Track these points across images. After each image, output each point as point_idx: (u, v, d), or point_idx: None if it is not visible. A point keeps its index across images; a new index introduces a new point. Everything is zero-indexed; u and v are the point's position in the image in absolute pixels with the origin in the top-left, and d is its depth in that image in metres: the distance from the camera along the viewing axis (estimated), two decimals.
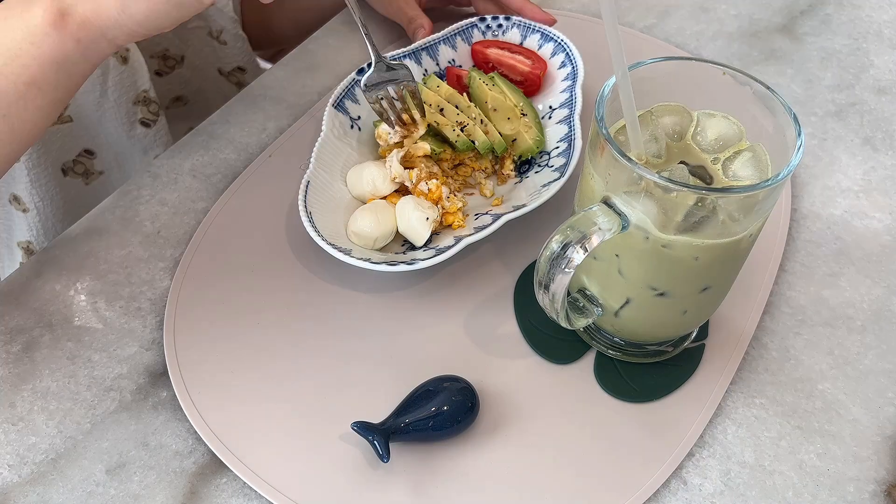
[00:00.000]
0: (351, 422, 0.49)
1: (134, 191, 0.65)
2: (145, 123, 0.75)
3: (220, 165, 0.67)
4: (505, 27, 0.72)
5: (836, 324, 0.58)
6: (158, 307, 0.58)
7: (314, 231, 0.57)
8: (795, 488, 0.50)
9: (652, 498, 0.49)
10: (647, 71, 0.47)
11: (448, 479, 0.50)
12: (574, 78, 0.67)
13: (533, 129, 0.64)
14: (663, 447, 0.51)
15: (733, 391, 0.54)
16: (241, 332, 0.56)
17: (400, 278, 0.59)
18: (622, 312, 0.50)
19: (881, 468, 0.51)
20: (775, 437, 0.52)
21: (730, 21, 0.82)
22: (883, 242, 0.63)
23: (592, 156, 0.46)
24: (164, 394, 0.54)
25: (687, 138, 0.48)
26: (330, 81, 0.74)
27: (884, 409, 0.54)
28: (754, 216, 0.44)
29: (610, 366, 0.55)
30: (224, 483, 0.50)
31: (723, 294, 0.51)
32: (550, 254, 0.44)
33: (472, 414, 0.51)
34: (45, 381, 0.54)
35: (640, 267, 0.47)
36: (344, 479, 0.49)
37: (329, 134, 0.64)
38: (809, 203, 0.65)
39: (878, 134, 0.71)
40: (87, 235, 0.62)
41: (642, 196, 0.43)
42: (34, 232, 0.73)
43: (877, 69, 0.77)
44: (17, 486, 0.50)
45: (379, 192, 0.61)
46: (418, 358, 0.55)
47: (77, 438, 0.52)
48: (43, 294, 0.59)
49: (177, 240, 0.62)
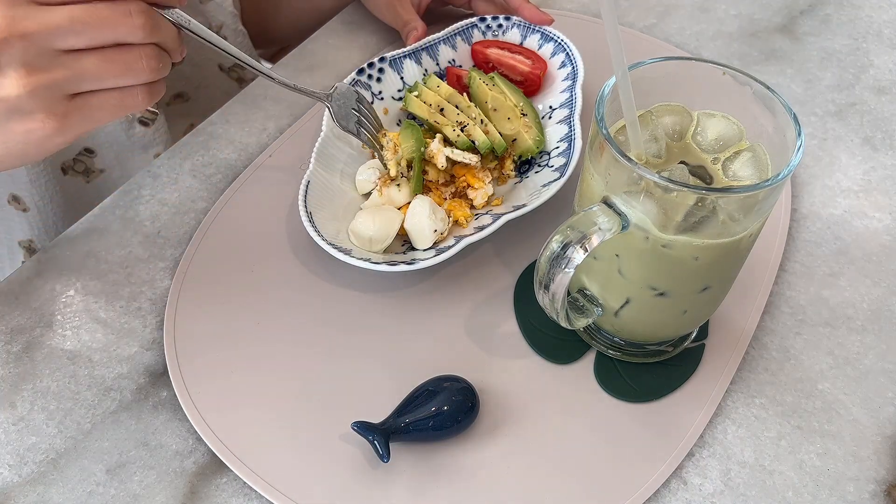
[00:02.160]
0: (351, 422, 0.49)
1: (134, 190, 0.65)
2: (143, 122, 0.75)
3: (220, 165, 0.67)
4: (505, 27, 0.72)
5: (836, 324, 0.58)
6: (158, 307, 0.58)
7: (314, 231, 0.57)
8: (795, 488, 0.50)
9: (652, 498, 0.49)
10: (647, 71, 0.47)
11: (448, 479, 0.50)
12: (574, 78, 0.67)
13: (533, 129, 0.64)
14: (663, 447, 0.51)
15: (733, 391, 0.54)
16: (241, 332, 0.56)
17: (400, 278, 0.59)
18: (622, 312, 0.50)
19: (881, 468, 0.51)
20: (775, 436, 0.52)
21: (730, 21, 0.82)
22: (883, 242, 0.63)
23: (592, 156, 0.46)
24: (164, 394, 0.54)
25: (687, 138, 0.48)
26: (330, 81, 0.74)
27: (884, 409, 0.54)
28: (754, 216, 0.44)
29: (610, 366, 0.55)
30: (224, 483, 0.50)
31: (723, 294, 0.51)
32: (550, 254, 0.44)
33: (472, 414, 0.51)
34: (45, 381, 0.54)
35: (640, 267, 0.47)
36: (344, 479, 0.49)
37: (329, 134, 0.64)
38: (809, 203, 0.65)
39: (878, 134, 0.71)
40: (87, 235, 0.62)
41: (642, 196, 0.43)
42: (35, 231, 0.73)
43: (877, 69, 0.77)
44: (17, 486, 0.50)
45: (396, 202, 0.61)
46: (418, 358, 0.55)
47: (77, 438, 0.52)
48: (43, 294, 0.59)
49: (177, 240, 0.62)
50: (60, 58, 0.43)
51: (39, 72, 0.43)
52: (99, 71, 0.44)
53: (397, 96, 0.69)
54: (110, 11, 0.43)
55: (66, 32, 0.42)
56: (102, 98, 0.46)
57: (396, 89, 0.69)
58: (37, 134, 0.45)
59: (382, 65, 0.68)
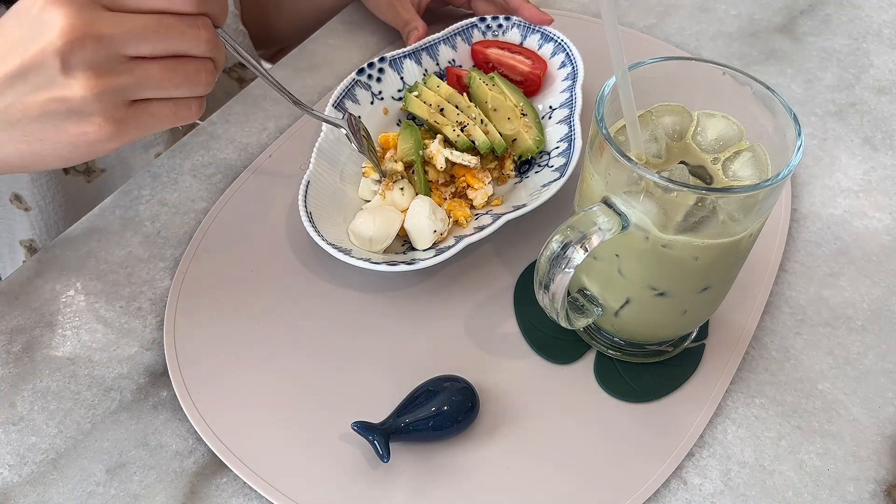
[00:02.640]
0: (351, 422, 0.49)
1: (134, 191, 0.65)
2: None
3: (220, 165, 0.67)
4: (505, 27, 0.72)
5: (836, 324, 0.58)
6: (158, 307, 0.58)
7: (314, 231, 0.57)
8: (795, 488, 0.50)
9: (652, 498, 0.49)
10: (647, 71, 0.47)
11: (448, 479, 0.50)
12: (574, 78, 0.67)
13: (533, 129, 0.64)
14: (663, 447, 0.51)
15: (733, 391, 0.54)
16: (241, 331, 0.56)
17: (400, 278, 0.59)
18: (622, 312, 0.50)
19: (881, 468, 0.51)
20: (775, 436, 0.52)
21: (730, 21, 0.82)
22: (883, 242, 0.63)
23: (592, 156, 0.46)
24: (164, 394, 0.54)
25: (687, 138, 0.48)
26: (330, 81, 0.74)
27: (884, 408, 0.54)
28: (754, 216, 0.44)
29: (610, 366, 0.55)
30: (224, 483, 0.50)
31: (723, 294, 0.51)
32: (550, 254, 0.44)
33: (472, 414, 0.51)
34: (45, 381, 0.54)
35: (640, 267, 0.47)
36: (344, 479, 0.49)
37: (329, 134, 0.64)
38: (809, 203, 0.65)
39: (878, 134, 0.71)
40: (87, 235, 0.62)
41: (642, 196, 0.43)
42: (37, 230, 0.73)
43: (877, 69, 0.77)
44: (17, 486, 0.50)
45: (398, 205, 0.61)
46: (418, 358, 0.55)
47: (77, 438, 0.52)
48: (43, 294, 0.59)
49: (177, 240, 0.62)
50: (127, 64, 0.43)
51: (107, 76, 0.43)
52: (162, 80, 0.45)
53: (397, 96, 0.69)
54: (179, 23, 0.44)
55: (138, 39, 0.43)
56: (159, 107, 0.46)
57: (396, 89, 0.69)
58: (90, 137, 0.45)
59: (382, 65, 0.68)
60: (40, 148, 0.46)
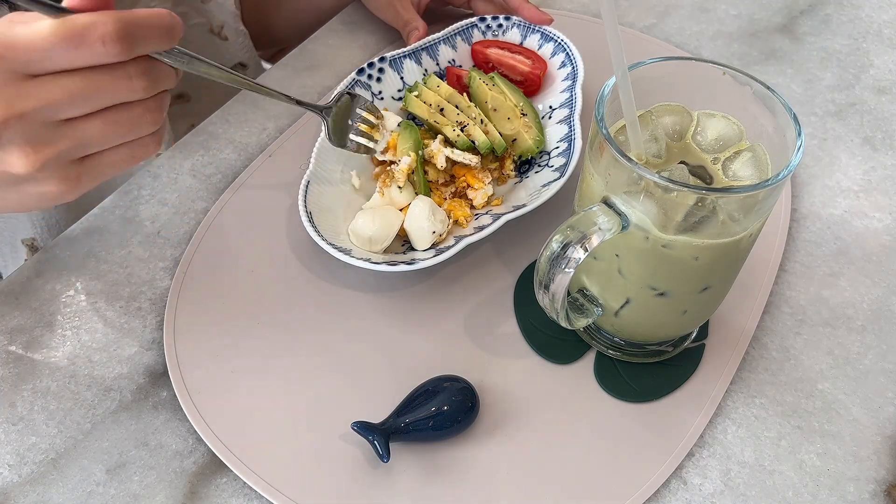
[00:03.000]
0: (351, 422, 0.49)
1: (134, 190, 0.65)
2: None
3: (220, 165, 0.67)
4: (505, 27, 0.72)
5: (836, 324, 0.58)
6: (158, 307, 0.58)
7: (314, 231, 0.57)
8: (795, 488, 0.50)
9: (652, 498, 0.49)
10: (647, 71, 0.47)
11: (448, 479, 0.50)
12: (574, 78, 0.67)
13: (533, 129, 0.64)
14: (663, 447, 0.51)
15: (733, 391, 0.54)
16: (241, 332, 0.56)
17: (400, 278, 0.59)
18: (622, 312, 0.50)
19: (881, 468, 0.51)
20: (775, 436, 0.52)
21: (730, 21, 0.82)
22: (883, 242, 0.63)
23: (592, 156, 0.46)
24: (164, 394, 0.54)
25: (687, 138, 0.48)
26: (330, 81, 0.74)
27: (884, 408, 0.54)
28: (754, 216, 0.44)
29: (610, 366, 0.55)
30: (224, 483, 0.50)
31: (723, 294, 0.51)
32: (550, 254, 0.44)
33: (472, 414, 0.51)
34: (44, 381, 0.54)
35: (640, 267, 0.47)
36: (344, 479, 0.49)
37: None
38: (809, 203, 0.65)
39: (878, 134, 0.71)
40: (87, 235, 0.62)
41: (642, 196, 0.43)
42: (38, 229, 0.73)
43: (877, 69, 0.77)
44: (17, 486, 0.50)
45: (397, 203, 0.61)
46: (418, 358, 0.55)
47: (77, 438, 0.52)
48: (43, 294, 0.59)
49: (177, 240, 0.62)
50: (62, 128, 0.42)
51: (44, 146, 0.42)
52: (104, 134, 0.43)
53: (397, 96, 0.69)
54: (109, 78, 0.41)
55: (66, 104, 0.41)
56: (112, 155, 0.45)
57: (396, 89, 0.69)
58: (52, 195, 0.44)
59: (382, 65, 0.68)
60: (5, 205, 0.45)
